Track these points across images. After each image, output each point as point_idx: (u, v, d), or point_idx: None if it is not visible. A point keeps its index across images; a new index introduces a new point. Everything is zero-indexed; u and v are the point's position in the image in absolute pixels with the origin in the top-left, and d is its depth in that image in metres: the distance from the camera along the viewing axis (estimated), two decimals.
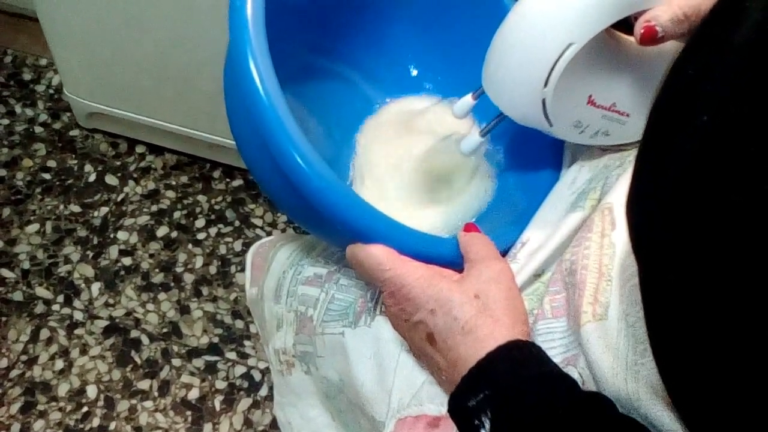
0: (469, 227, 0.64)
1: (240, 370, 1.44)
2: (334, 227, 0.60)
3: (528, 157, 0.74)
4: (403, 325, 0.61)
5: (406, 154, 0.76)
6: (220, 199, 1.61)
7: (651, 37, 0.56)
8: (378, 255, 0.59)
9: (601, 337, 0.55)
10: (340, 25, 0.76)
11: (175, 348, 1.44)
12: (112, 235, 1.55)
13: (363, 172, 0.76)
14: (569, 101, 0.61)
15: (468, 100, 0.66)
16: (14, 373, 1.40)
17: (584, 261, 0.58)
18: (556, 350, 0.59)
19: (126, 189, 1.61)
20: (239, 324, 1.47)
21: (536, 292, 0.63)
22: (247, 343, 1.46)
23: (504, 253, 0.66)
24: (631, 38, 0.60)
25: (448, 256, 0.62)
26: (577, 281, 0.58)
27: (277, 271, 0.78)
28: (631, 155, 0.65)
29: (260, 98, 0.54)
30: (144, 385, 1.41)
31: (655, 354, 0.48)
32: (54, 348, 1.43)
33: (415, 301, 0.58)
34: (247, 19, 0.55)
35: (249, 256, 0.84)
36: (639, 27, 0.56)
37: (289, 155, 0.54)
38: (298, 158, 0.54)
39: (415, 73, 0.81)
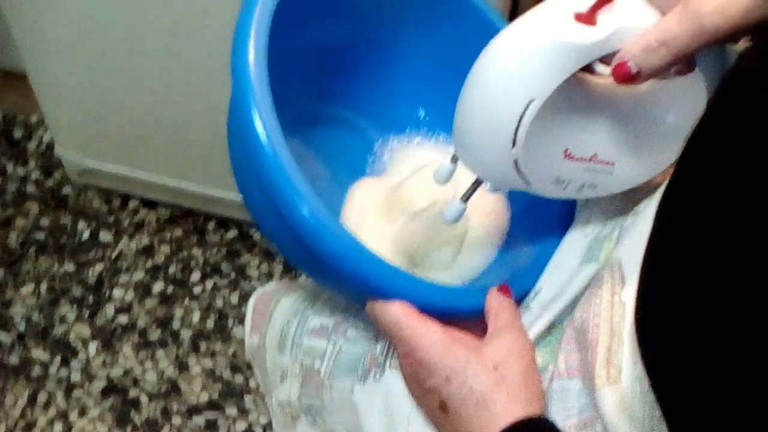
0: (503, 288, 0.62)
1: (241, 426, 1.42)
2: (350, 285, 0.59)
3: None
4: (417, 387, 0.59)
5: (390, 236, 0.74)
6: (215, 251, 1.60)
7: (625, 75, 0.52)
8: (396, 313, 0.57)
9: (617, 401, 0.53)
10: (344, 69, 0.76)
11: (175, 406, 1.42)
12: (107, 293, 1.53)
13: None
14: (544, 158, 0.59)
15: (447, 165, 0.64)
16: None
17: (596, 320, 0.56)
18: (572, 410, 0.57)
19: (120, 245, 1.59)
20: (239, 378, 1.45)
21: (549, 346, 0.62)
22: (247, 397, 1.44)
23: (518, 302, 0.64)
24: (600, 80, 0.58)
25: (469, 308, 0.61)
26: (589, 341, 0.56)
27: (280, 320, 0.76)
28: (644, 203, 0.64)
29: (267, 158, 0.53)
30: None
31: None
32: (52, 411, 1.40)
33: (430, 367, 0.56)
34: (249, 73, 0.54)
35: (251, 303, 0.82)
36: (612, 67, 0.53)
37: (299, 214, 0.53)
38: (310, 217, 0.53)
39: (423, 115, 0.81)
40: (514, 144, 0.55)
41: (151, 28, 1.18)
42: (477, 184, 0.62)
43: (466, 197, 0.63)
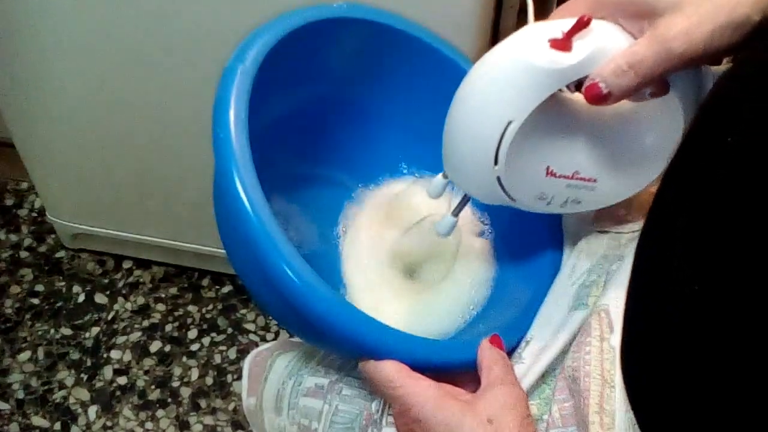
0: (494, 340, 0.62)
1: None
2: (342, 346, 0.60)
3: (525, 241, 0.74)
4: None
5: (386, 247, 0.76)
6: (210, 307, 1.60)
7: (596, 96, 0.54)
8: (388, 371, 0.57)
9: None
10: (324, 130, 0.77)
11: None
12: (105, 355, 1.53)
13: (355, 273, 0.76)
14: (526, 175, 0.61)
15: (440, 179, 0.66)
16: None
17: (586, 367, 0.57)
18: None
19: (116, 306, 1.60)
20: None
21: (542, 395, 0.62)
22: None
23: (509, 353, 0.65)
24: (580, 100, 0.60)
25: (462, 361, 0.61)
26: (581, 389, 0.56)
27: (275, 382, 0.76)
28: (629, 246, 0.65)
29: (253, 229, 0.53)
30: None
31: None
32: None
33: (425, 424, 0.56)
34: (233, 150, 0.55)
35: (246, 365, 0.83)
36: (583, 88, 0.55)
37: (287, 280, 0.53)
38: (298, 281, 0.54)
39: (405, 168, 0.82)
40: (496, 162, 0.58)
41: (137, 93, 1.19)
42: (466, 199, 0.66)
43: (457, 212, 0.67)
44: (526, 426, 0.56)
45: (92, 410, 1.46)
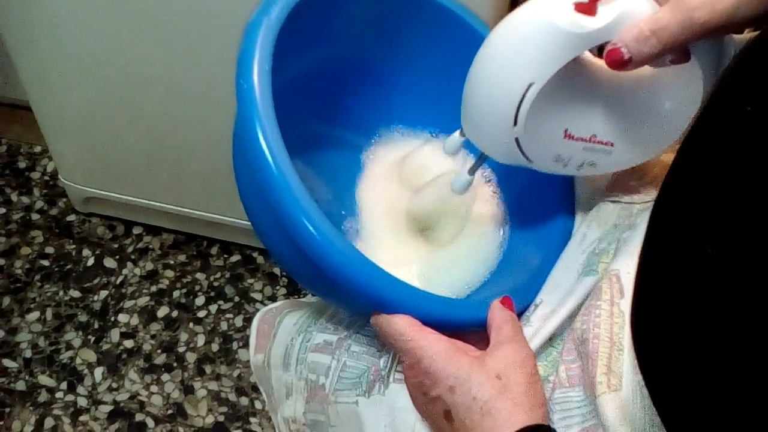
0: (505, 301, 0.63)
1: None
2: (355, 299, 0.60)
3: (538, 208, 0.75)
4: (421, 398, 0.60)
5: (400, 205, 0.77)
6: (218, 275, 1.61)
7: (618, 61, 0.55)
8: (400, 325, 0.58)
9: (618, 408, 0.54)
10: (343, 91, 0.78)
11: (181, 429, 1.43)
12: (112, 319, 1.54)
13: (369, 232, 0.76)
14: (544, 137, 0.62)
15: (456, 137, 0.66)
16: None
17: (595, 330, 0.58)
18: (574, 419, 0.58)
19: (125, 271, 1.61)
20: (244, 401, 1.46)
21: (549, 357, 0.63)
22: (252, 420, 1.44)
23: (518, 316, 0.66)
24: (601, 63, 0.60)
25: (472, 320, 0.62)
26: (589, 351, 0.57)
27: (284, 338, 0.77)
28: (640, 216, 0.65)
29: (273, 177, 0.54)
30: None
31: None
32: None
33: (435, 376, 0.57)
34: (255, 93, 0.56)
35: (255, 323, 0.83)
36: (605, 52, 0.56)
37: (305, 232, 0.54)
38: (316, 234, 0.54)
39: (422, 130, 0.83)
40: (515, 123, 0.59)
41: (151, 59, 1.20)
42: (482, 158, 0.66)
43: (473, 170, 0.68)
44: (534, 384, 0.57)
45: (98, 371, 1.48)
